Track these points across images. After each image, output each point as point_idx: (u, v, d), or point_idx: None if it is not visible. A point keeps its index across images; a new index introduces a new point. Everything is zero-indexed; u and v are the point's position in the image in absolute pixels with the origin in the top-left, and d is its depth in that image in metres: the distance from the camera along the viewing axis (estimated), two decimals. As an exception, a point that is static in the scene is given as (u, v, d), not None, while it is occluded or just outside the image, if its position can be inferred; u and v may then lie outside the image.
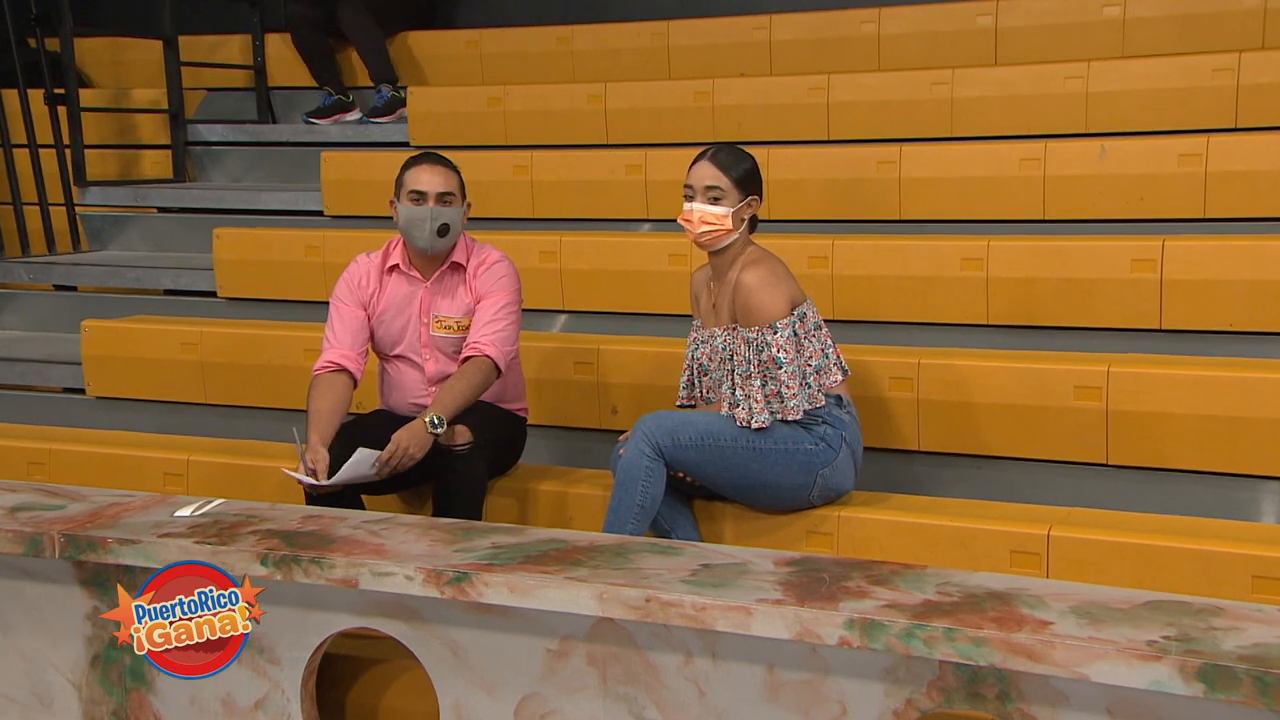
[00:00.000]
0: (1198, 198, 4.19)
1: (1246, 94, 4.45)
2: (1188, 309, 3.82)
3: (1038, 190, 4.36)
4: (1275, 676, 1.82)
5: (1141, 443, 3.43)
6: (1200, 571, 2.85)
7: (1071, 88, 4.69)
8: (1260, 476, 3.34)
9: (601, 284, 4.52)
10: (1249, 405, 3.32)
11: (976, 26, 5.27)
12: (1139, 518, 3.16)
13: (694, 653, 2.25)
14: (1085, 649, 1.95)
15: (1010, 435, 3.55)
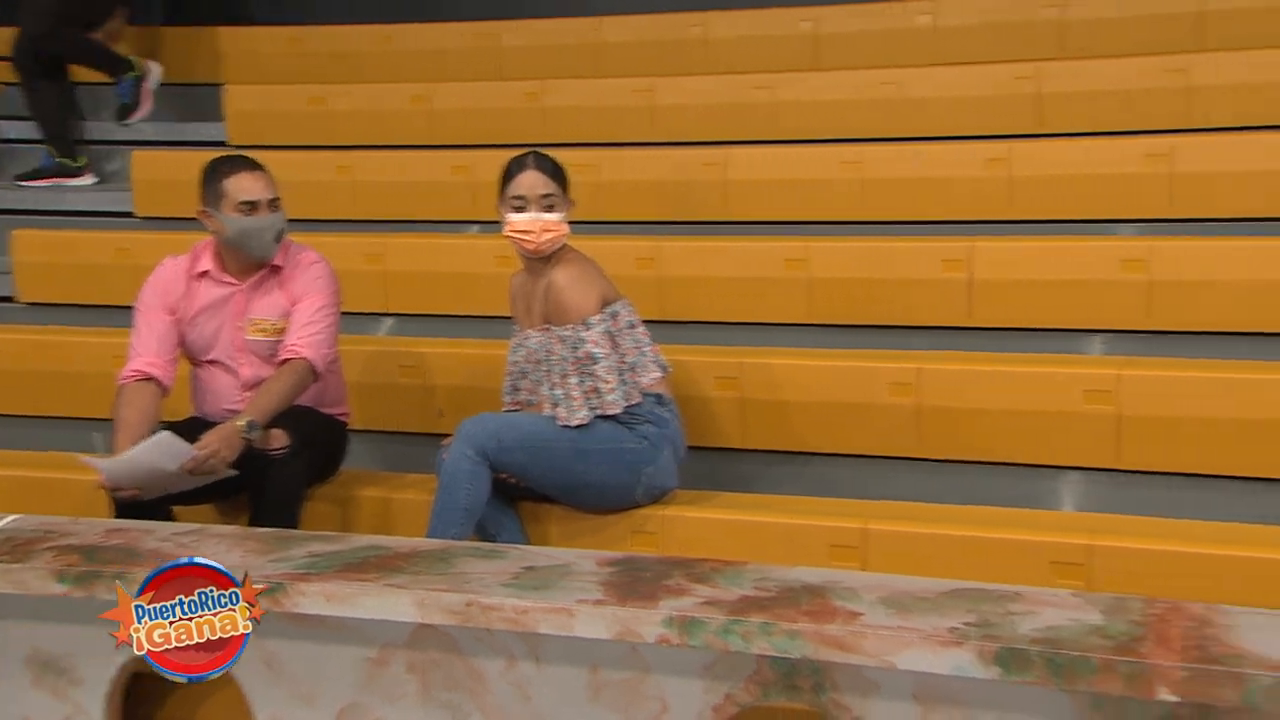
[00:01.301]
0: (1004, 200, 4.39)
1: (1048, 101, 4.68)
2: (995, 307, 3.99)
3: (856, 192, 4.50)
4: (1065, 657, 1.92)
5: (952, 437, 3.57)
6: (1004, 559, 2.98)
7: (887, 93, 4.85)
8: (1060, 467, 3.52)
9: (428, 286, 4.47)
10: (1050, 399, 3.49)
11: (798, 32, 5.40)
12: (950, 509, 3.29)
13: (517, 656, 2.25)
14: (893, 638, 2.02)
15: (830, 432, 3.65)
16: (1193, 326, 3.82)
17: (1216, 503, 3.28)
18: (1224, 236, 4.01)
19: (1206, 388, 3.37)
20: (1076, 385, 3.47)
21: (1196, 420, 3.33)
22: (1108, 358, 3.80)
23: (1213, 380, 3.38)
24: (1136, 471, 3.42)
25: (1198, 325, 3.81)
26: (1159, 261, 3.85)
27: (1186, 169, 4.25)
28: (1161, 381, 3.42)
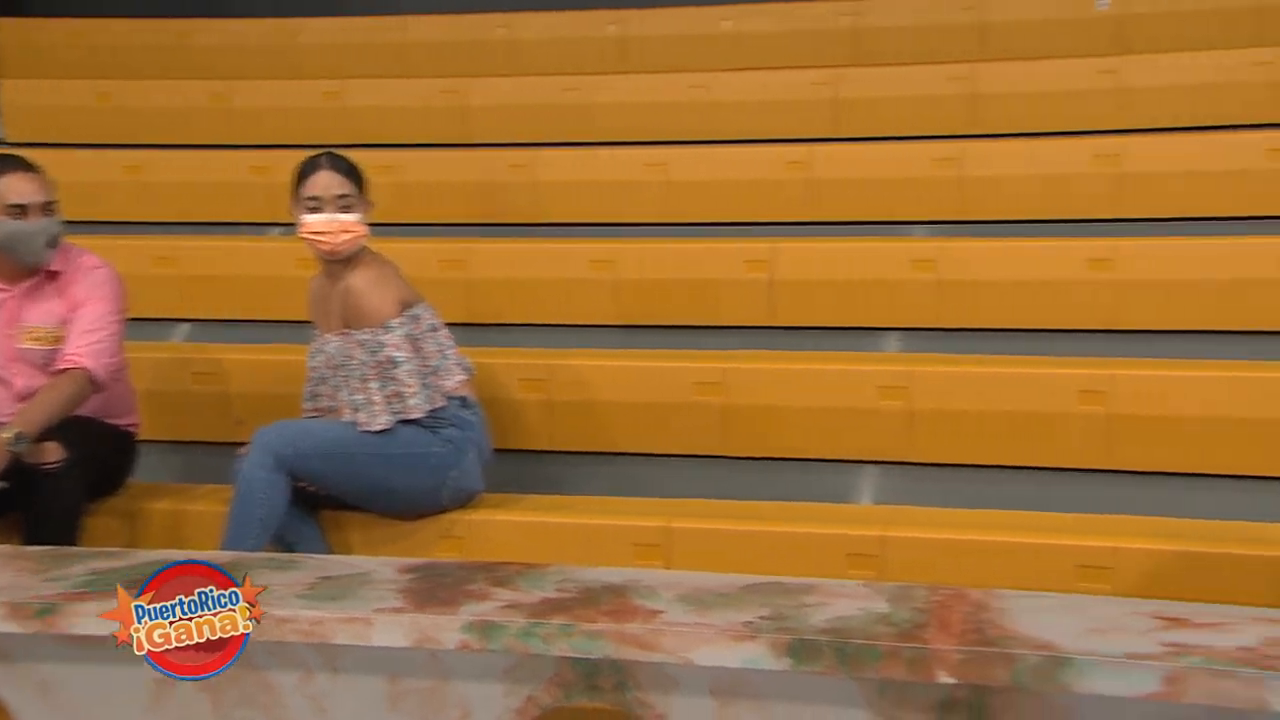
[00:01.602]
0: (804, 202, 4.52)
1: (845, 106, 4.85)
2: (797, 307, 4.11)
3: (662, 194, 4.56)
4: (853, 646, 1.99)
5: (755, 434, 3.65)
6: (804, 553, 3.06)
7: (693, 96, 4.94)
8: (857, 461, 3.64)
9: (225, 291, 4.33)
10: (847, 396, 3.61)
11: (605, 35, 5.44)
12: (752, 505, 3.36)
13: (313, 668, 2.19)
14: (691, 634, 2.05)
15: (637, 432, 3.68)
16: (981, 324, 4.00)
17: (1002, 492, 3.44)
18: (1010, 237, 4.22)
19: (993, 382, 3.53)
20: (871, 382, 3.60)
21: (983, 413, 3.49)
22: (901, 355, 3.95)
23: (999, 375, 3.54)
24: (929, 464, 3.57)
25: (985, 322, 4.00)
26: (948, 261, 4.03)
27: (974, 173, 4.46)
28: (951, 377, 3.57)
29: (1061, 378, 3.47)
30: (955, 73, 4.85)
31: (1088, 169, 4.36)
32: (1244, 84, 4.58)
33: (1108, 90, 4.69)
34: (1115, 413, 3.39)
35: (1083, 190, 4.35)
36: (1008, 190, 4.41)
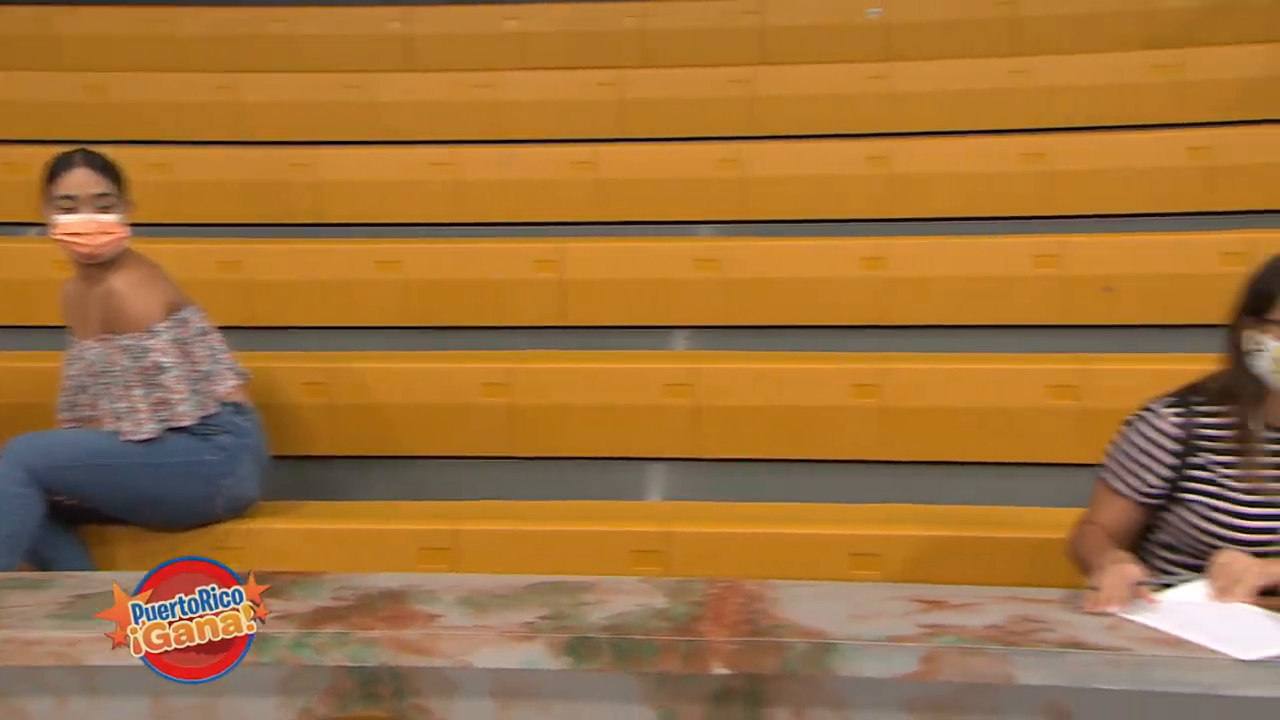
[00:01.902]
0: (592, 202, 4.55)
1: (630, 107, 4.90)
2: (586, 306, 4.13)
3: (449, 194, 4.52)
4: (630, 641, 2.01)
5: (544, 435, 3.66)
6: (590, 551, 3.08)
7: (480, 95, 4.91)
8: (646, 458, 3.68)
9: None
10: (634, 394, 3.65)
11: (388, 32, 5.35)
12: (540, 505, 3.37)
13: (68, 692, 2.08)
14: (469, 637, 2.04)
15: (423, 434, 3.64)
16: (763, 321, 4.11)
17: (783, 485, 3.55)
18: (789, 237, 4.34)
19: (773, 378, 3.63)
20: (658, 380, 3.65)
21: (765, 408, 3.59)
22: (686, 352, 4.03)
23: (778, 371, 3.64)
24: (714, 459, 3.64)
25: (767, 320, 4.11)
26: (731, 260, 4.12)
27: (754, 173, 4.58)
28: (734, 374, 3.66)
29: (836, 372, 3.59)
30: (736, 75, 4.97)
31: (861, 171, 4.53)
32: (1002, 90, 4.84)
33: (878, 95, 4.89)
34: (887, 405, 3.54)
35: (856, 191, 4.52)
36: (786, 191, 4.55)
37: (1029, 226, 4.32)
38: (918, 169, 4.52)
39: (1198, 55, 4.73)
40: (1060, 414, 3.40)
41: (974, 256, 4.05)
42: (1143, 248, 3.98)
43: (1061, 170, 4.42)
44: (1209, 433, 2.21)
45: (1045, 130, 4.62)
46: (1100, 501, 2.31)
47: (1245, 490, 2.17)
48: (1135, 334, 3.82)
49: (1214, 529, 2.18)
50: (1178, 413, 2.23)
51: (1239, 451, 2.17)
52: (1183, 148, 4.36)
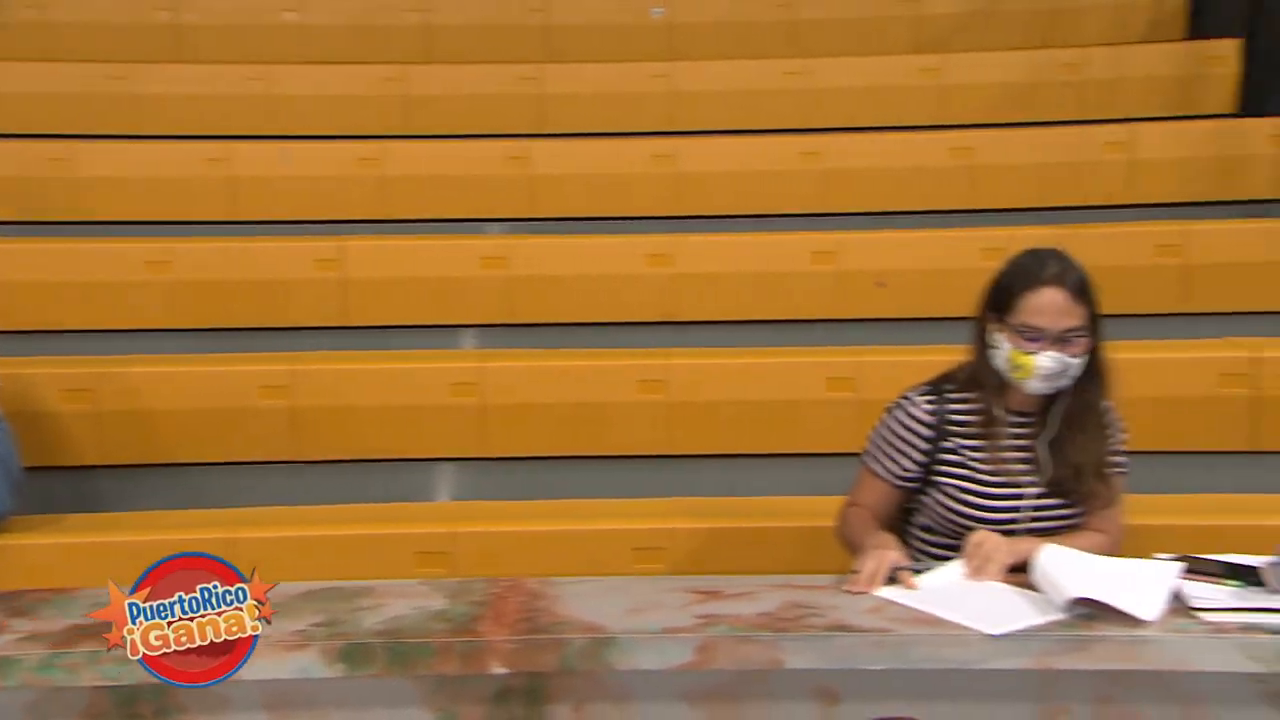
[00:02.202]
0: (376, 199, 4.46)
1: (415, 103, 4.83)
2: (371, 306, 4.05)
3: (223, 191, 4.35)
4: (406, 645, 1.98)
5: (328, 437, 3.57)
6: (373, 555, 3.03)
7: (255, 89, 4.75)
8: (434, 459, 3.64)
9: None
10: (420, 394, 3.60)
11: (156, 21, 5.12)
12: (322, 510, 3.29)
13: None
14: (236, 649, 1.97)
15: (199, 441, 3.50)
16: (551, 318, 4.12)
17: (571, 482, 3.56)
18: (576, 234, 4.36)
19: (560, 375, 3.64)
20: (444, 379, 3.61)
21: (552, 406, 3.59)
22: (472, 351, 4.00)
23: (565, 368, 3.65)
24: (502, 458, 3.63)
25: (555, 317, 4.12)
26: (518, 258, 4.11)
27: (542, 171, 4.58)
28: (520, 372, 3.65)
29: (623, 369, 3.63)
30: (523, 73, 4.96)
31: (646, 169, 4.59)
32: (780, 91, 4.98)
33: (662, 94, 4.96)
34: (672, 400, 3.59)
35: (642, 189, 4.58)
36: (573, 188, 4.57)
37: (807, 224, 4.45)
38: (701, 167, 4.60)
39: (959, 60, 4.97)
40: (838, 405, 3.52)
41: (755, 253, 4.16)
42: (911, 244, 4.15)
43: (837, 169, 4.58)
44: (958, 418, 2.33)
45: (821, 130, 4.77)
46: (862, 484, 2.41)
47: (991, 472, 2.29)
48: (906, 327, 3.98)
49: (964, 509, 2.30)
50: (930, 400, 2.34)
51: (985, 436, 2.30)
52: (946, 148, 4.57)
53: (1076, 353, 2.22)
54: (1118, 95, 4.84)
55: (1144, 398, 3.41)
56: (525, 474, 3.60)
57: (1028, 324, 2.21)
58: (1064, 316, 2.20)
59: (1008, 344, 2.24)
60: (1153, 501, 2.97)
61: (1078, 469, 2.27)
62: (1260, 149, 4.41)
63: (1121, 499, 2.36)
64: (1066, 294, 2.20)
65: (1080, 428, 2.27)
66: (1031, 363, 2.21)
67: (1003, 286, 2.28)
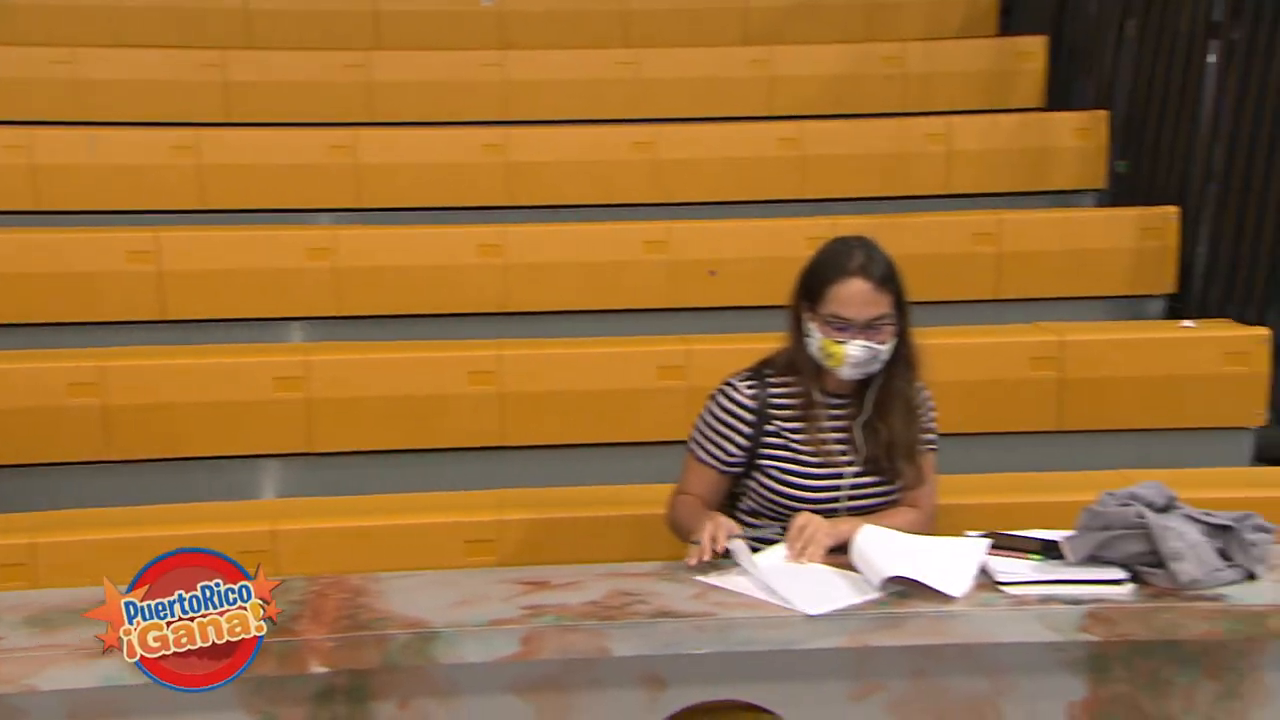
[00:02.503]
0: (193, 189, 4.31)
1: (235, 90, 4.68)
2: (189, 299, 3.92)
3: (26, 180, 4.15)
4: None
5: (145, 436, 3.44)
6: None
7: (59, 72, 4.53)
8: (259, 456, 3.54)
9: None
10: (243, 389, 3.50)
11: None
12: (137, 510, 3.16)
13: None
14: (35, 658, 1.89)
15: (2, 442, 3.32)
16: (381, 310, 4.05)
17: (401, 476, 3.51)
18: (406, 225, 4.30)
19: (390, 368, 3.57)
20: (267, 373, 3.51)
21: (382, 399, 3.53)
22: (297, 344, 3.91)
23: (395, 360, 3.59)
24: (330, 453, 3.55)
25: (385, 309, 4.05)
26: (346, 249, 4.03)
27: (370, 160, 4.49)
28: (348, 365, 3.57)
29: (454, 360, 3.59)
30: (351, 60, 4.85)
31: (478, 158, 4.55)
32: (612, 81, 4.99)
33: (494, 83, 4.92)
34: (505, 391, 3.57)
35: (473, 178, 4.54)
36: (403, 178, 4.50)
37: (639, 214, 4.48)
38: (533, 157, 4.58)
39: (787, 52, 5.07)
40: (670, 394, 3.55)
41: (587, 243, 4.17)
42: (742, 233, 4.22)
43: (668, 159, 4.62)
44: (779, 402, 2.38)
45: (653, 120, 4.81)
46: (689, 473, 2.44)
47: (812, 453, 2.35)
48: (737, 315, 4.04)
49: (788, 490, 2.35)
50: (751, 385, 2.39)
51: (804, 419, 2.35)
52: (775, 139, 4.66)
53: (884, 340, 2.29)
54: (935, 89, 5.01)
55: (961, 381, 3.55)
56: (355, 469, 3.54)
57: (836, 314, 2.27)
58: (869, 306, 2.26)
59: (819, 333, 2.30)
60: (967, 481, 3.08)
61: (890, 449, 2.34)
62: (1065, 141, 4.62)
63: (934, 475, 2.45)
64: (871, 285, 2.26)
65: (892, 410, 2.35)
66: (841, 351, 2.27)
67: (812, 276, 2.33)
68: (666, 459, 3.45)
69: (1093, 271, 4.16)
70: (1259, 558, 2.09)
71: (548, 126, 4.77)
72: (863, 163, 4.65)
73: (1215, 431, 3.62)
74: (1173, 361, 3.60)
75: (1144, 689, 2.07)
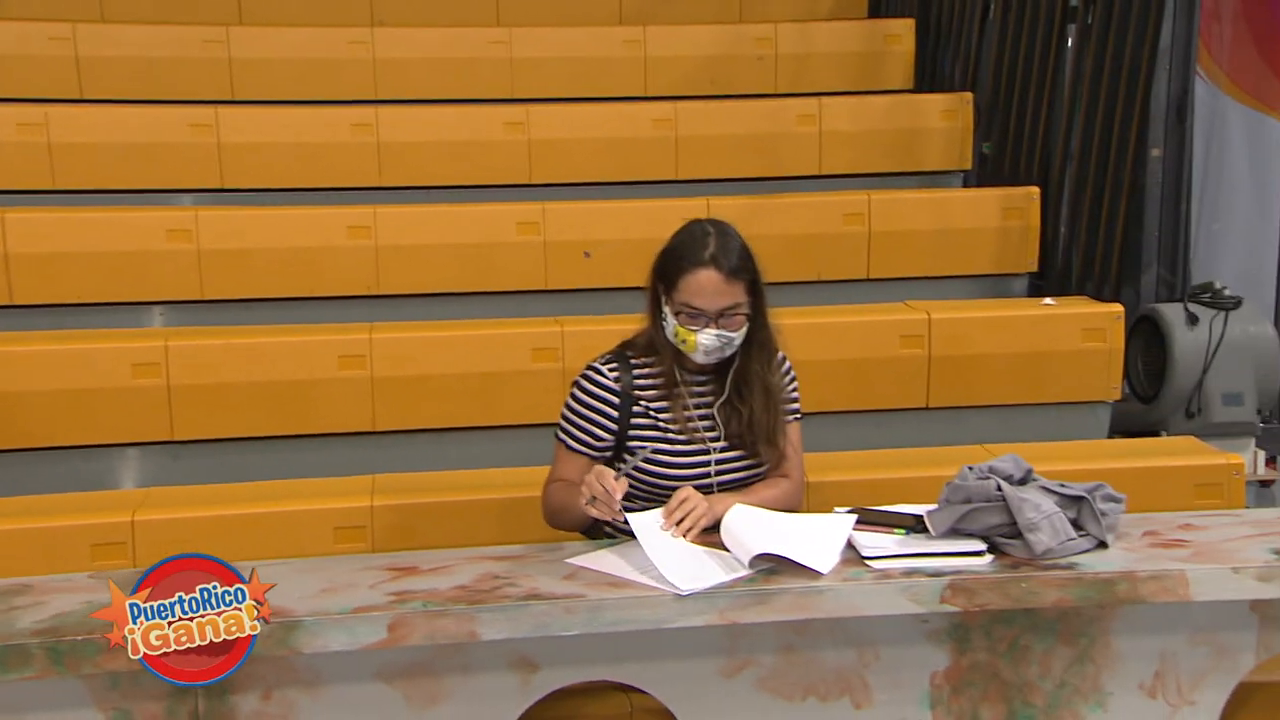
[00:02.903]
0: (42, 169, 4.16)
1: (87, 65, 4.52)
2: (36, 284, 3.79)
3: None
4: (67, 644, 1.86)
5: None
6: (43, 550, 2.81)
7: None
8: (118, 445, 3.44)
9: None
10: (102, 377, 3.39)
11: None
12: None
13: None
14: None
15: None
16: (246, 294, 3.96)
17: (270, 463, 3.45)
18: (272, 206, 4.20)
19: (255, 353, 3.49)
20: (125, 360, 3.41)
21: (247, 385, 3.45)
22: (158, 330, 3.80)
23: (261, 345, 3.51)
24: (192, 441, 3.46)
25: (250, 292, 3.96)
26: (209, 231, 3.92)
27: (233, 139, 4.37)
28: (211, 350, 3.48)
29: (323, 344, 3.53)
30: (209, 35, 4.71)
31: (346, 138, 4.46)
32: (484, 60, 4.94)
33: (363, 61, 4.83)
34: (376, 376, 3.52)
35: (342, 158, 4.45)
36: (268, 158, 4.39)
37: (512, 194, 4.45)
38: (404, 137, 4.51)
39: (661, 33, 5.07)
40: (543, 376, 3.54)
41: (460, 224, 4.13)
42: (616, 214, 4.22)
43: (542, 139, 4.59)
44: (643, 383, 2.39)
45: (526, 100, 4.77)
46: (560, 461, 2.43)
47: (679, 432, 2.37)
48: (611, 296, 4.04)
49: (659, 470, 2.36)
50: (614, 367, 2.39)
51: (668, 397, 2.37)
52: (649, 119, 4.66)
53: (736, 328, 2.31)
54: (807, 71, 5.07)
55: (832, 360, 3.62)
56: (219, 457, 3.46)
57: (688, 304, 2.29)
58: (721, 297, 2.28)
59: (673, 319, 2.31)
60: (838, 458, 3.14)
61: (751, 428, 2.37)
62: (933, 123, 4.72)
63: (799, 447, 2.48)
64: (723, 276, 2.28)
65: (750, 390, 2.37)
66: (694, 339, 2.30)
67: (667, 262, 2.35)
68: (541, 441, 3.43)
69: (959, 251, 4.26)
70: (1110, 526, 2.17)
71: (419, 106, 4.70)
72: (736, 143, 4.69)
73: (1075, 406, 3.75)
74: (1035, 338, 3.72)
75: (1003, 657, 2.14)
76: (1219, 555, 2.16)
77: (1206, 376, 3.79)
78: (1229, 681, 2.19)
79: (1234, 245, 4.88)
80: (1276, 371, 3.87)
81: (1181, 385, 3.81)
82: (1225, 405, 3.85)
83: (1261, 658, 2.19)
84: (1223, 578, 2.10)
